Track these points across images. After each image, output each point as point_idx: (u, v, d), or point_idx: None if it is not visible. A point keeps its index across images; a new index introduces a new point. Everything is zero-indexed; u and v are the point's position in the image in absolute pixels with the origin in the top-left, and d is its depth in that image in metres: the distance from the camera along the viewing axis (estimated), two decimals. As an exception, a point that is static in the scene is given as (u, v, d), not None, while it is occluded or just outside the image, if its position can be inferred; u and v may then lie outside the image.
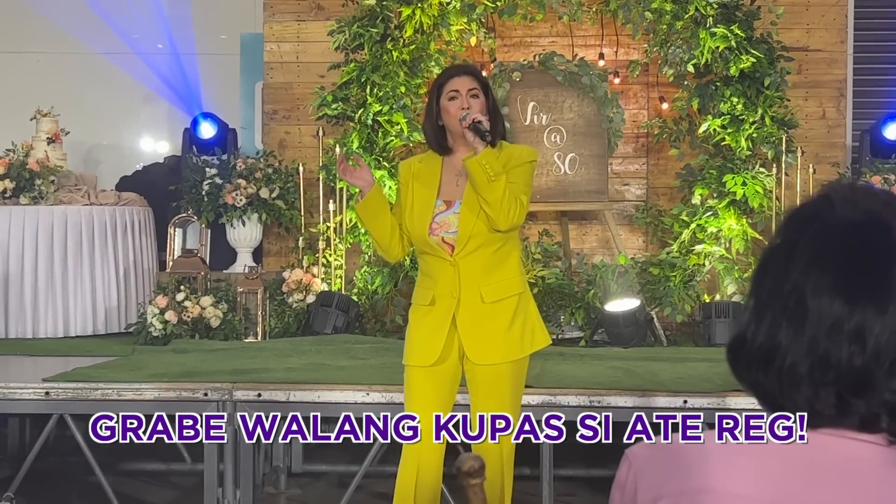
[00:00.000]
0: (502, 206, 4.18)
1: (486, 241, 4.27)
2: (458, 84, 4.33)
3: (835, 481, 1.50)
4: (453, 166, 4.39)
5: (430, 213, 4.34)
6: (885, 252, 1.51)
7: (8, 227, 7.96)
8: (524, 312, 4.38)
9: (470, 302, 4.28)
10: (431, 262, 4.37)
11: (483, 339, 4.29)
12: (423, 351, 4.32)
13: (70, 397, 6.11)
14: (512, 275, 4.40)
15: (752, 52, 7.99)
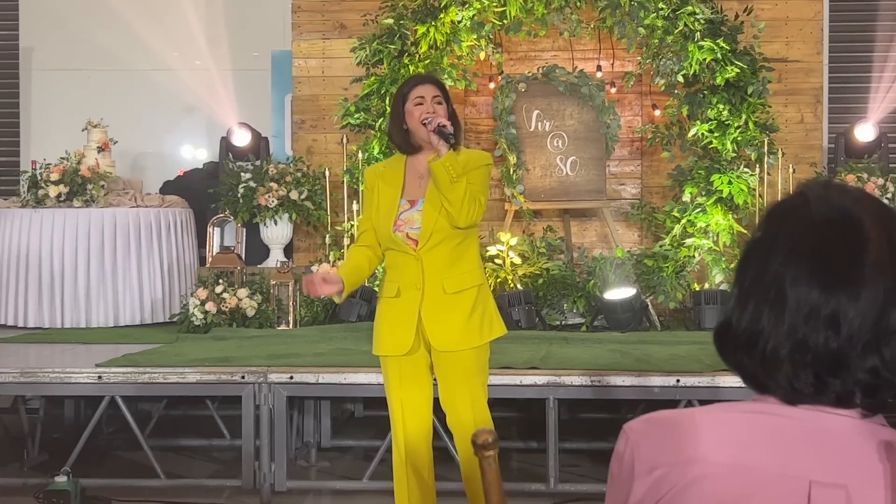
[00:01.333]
0: (463, 204, 4.18)
1: (447, 237, 4.27)
2: (424, 91, 4.32)
3: (813, 449, 1.50)
4: (415, 168, 4.38)
5: (394, 211, 4.33)
6: (856, 245, 1.51)
7: (63, 227, 7.99)
8: (483, 304, 4.38)
9: (433, 293, 4.28)
10: (396, 256, 4.36)
11: (446, 328, 4.29)
12: (393, 342, 4.33)
13: (120, 381, 6.13)
14: (472, 267, 4.40)
15: (737, 64, 7.98)
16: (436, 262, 4.28)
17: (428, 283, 4.28)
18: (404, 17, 8.22)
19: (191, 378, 6.10)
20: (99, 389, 6.15)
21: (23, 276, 8.03)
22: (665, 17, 8.05)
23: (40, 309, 8.01)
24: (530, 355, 6.28)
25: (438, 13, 8.17)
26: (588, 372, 5.95)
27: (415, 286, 4.29)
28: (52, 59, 10.16)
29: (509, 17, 8.19)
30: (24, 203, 8.16)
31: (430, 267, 4.28)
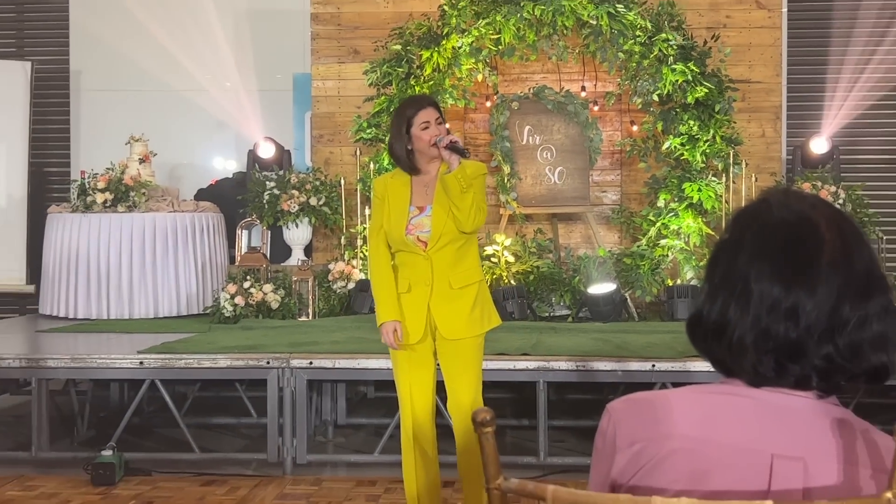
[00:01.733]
0: (471, 212, 4.19)
1: (453, 239, 4.27)
2: (427, 115, 4.28)
3: (775, 426, 1.50)
4: (421, 179, 4.37)
5: (405, 217, 4.32)
6: (813, 246, 1.52)
7: (108, 230, 8.00)
8: (483, 298, 4.39)
9: (441, 288, 4.29)
10: (407, 257, 4.35)
11: (452, 318, 4.29)
12: (406, 331, 4.32)
13: (159, 366, 6.13)
14: (473, 265, 4.40)
15: (705, 84, 7.98)
16: (443, 261, 4.28)
17: (436, 279, 4.28)
18: (411, 43, 8.23)
19: (222, 363, 6.11)
20: (140, 374, 6.16)
21: (73, 274, 8.04)
22: (642, 43, 8.05)
23: (88, 302, 8.02)
24: (522, 343, 6.28)
25: (441, 40, 8.19)
26: (573, 358, 5.95)
27: (424, 282, 4.29)
28: (98, 80, 10.16)
29: (504, 43, 8.19)
30: (74, 208, 8.17)
31: (438, 265, 4.28)
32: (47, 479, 5.95)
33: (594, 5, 8.06)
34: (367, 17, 8.83)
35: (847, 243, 1.53)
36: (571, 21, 8.13)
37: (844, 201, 7.85)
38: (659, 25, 8.10)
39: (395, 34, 8.31)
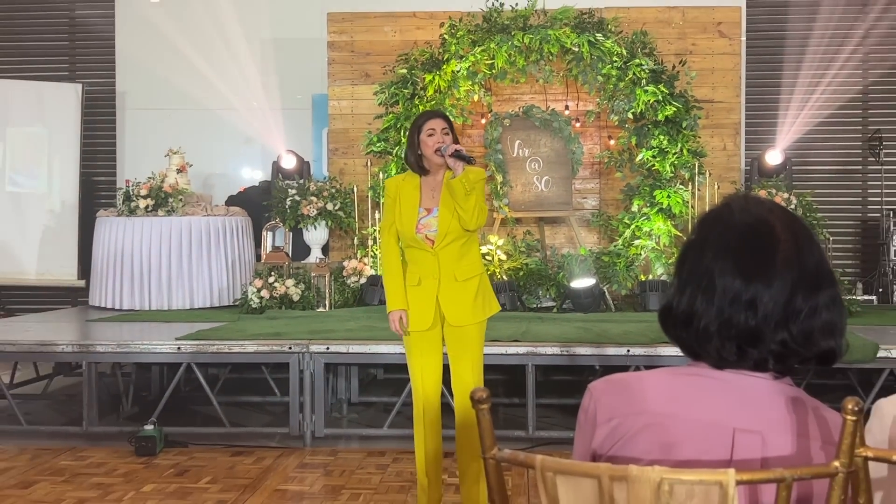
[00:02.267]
0: (474, 212, 4.18)
1: (457, 237, 4.26)
2: (434, 125, 4.28)
3: (736, 404, 1.51)
4: (428, 183, 4.35)
5: (415, 217, 4.31)
6: (769, 245, 1.52)
7: (150, 232, 8.00)
8: (484, 288, 4.37)
9: (447, 281, 4.27)
10: (417, 253, 4.34)
11: (458, 307, 4.28)
12: (417, 320, 4.31)
13: (194, 351, 6.13)
14: (475, 260, 4.38)
15: (674, 104, 7.98)
16: (448, 256, 4.28)
17: (443, 273, 4.27)
18: (415, 68, 8.25)
19: (249, 349, 6.10)
20: (178, 358, 6.16)
21: (119, 270, 8.04)
22: (618, 67, 8.06)
23: (132, 295, 8.02)
24: (513, 331, 6.28)
25: (442, 65, 8.20)
26: (558, 344, 5.95)
27: (433, 276, 4.28)
28: (141, 100, 10.17)
29: (497, 67, 8.20)
30: (119, 213, 8.17)
31: (444, 260, 4.27)
32: (96, 450, 5.96)
33: (576, 34, 8.08)
34: (377, 45, 8.84)
35: (799, 243, 1.53)
36: (556, 48, 8.14)
37: (796, 206, 7.85)
38: (633, 52, 8.12)
39: (402, 60, 8.32)
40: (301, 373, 6.02)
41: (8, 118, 9.63)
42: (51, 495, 5.00)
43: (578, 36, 8.09)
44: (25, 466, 5.59)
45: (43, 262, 9.58)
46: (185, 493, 5.03)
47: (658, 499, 1.30)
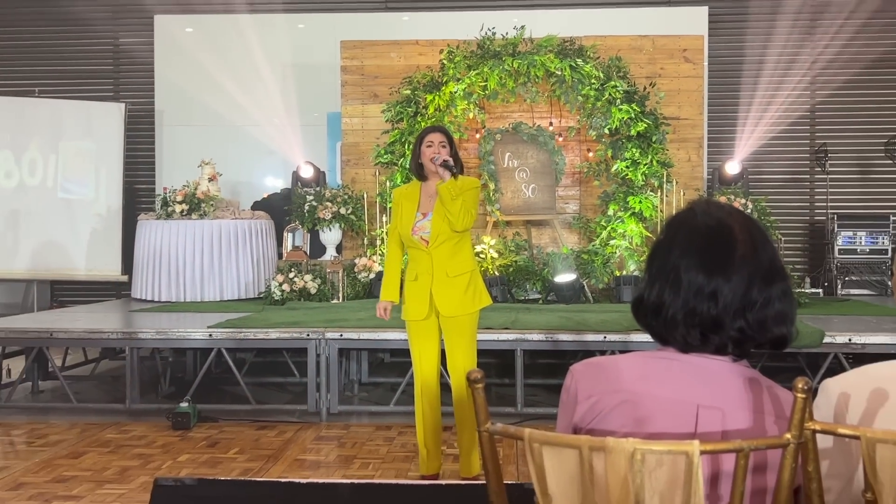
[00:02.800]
0: (459, 215, 4.17)
1: (448, 238, 4.25)
2: (433, 138, 4.30)
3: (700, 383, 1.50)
4: (426, 191, 4.36)
5: (412, 221, 4.31)
6: (728, 244, 1.52)
7: (185, 233, 8.01)
8: (474, 283, 4.34)
9: (440, 276, 4.26)
10: (414, 252, 4.35)
11: (450, 300, 4.27)
12: (415, 311, 4.31)
13: (224, 337, 6.13)
14: (466, 258, 4.35)
15: (644, 121, 7.99)
16: (441, 255, 4.27)
17: (436, 270, 4.27)
18: (418, 89, 8.25)
19: (272, 335, 6.11)
20: (209, 343, 6.16)
21: (157, 266, 8.04)
22: (596, 88, 8.07)
23: (169, 288, 8.02)
24: (504, 319, 6.28)
25: (441, 86, 8.21)
26: (544, 331, 5.95)
27: (427, 272, 4.28)
28: (176, 117, 10.16)
29: (489, 88, 8.21)
30: (158, 216, 8.17)
31: (437, 259, 4.27)
32: (137, 425, 5.96)
33: (559, 60, 8.09)
34: (384, 69, 8.83)
35: (755, 242, 1.53)
36: (542, 72, 8.14)
37: (752, 210, 7.85)
38: (609, 75, 8.12)
39: (406, 82, 8.33)
40: (318, 357, 6.02)
41: (60, 134, 9.63)
42: (98, 464, 5.01)
43: (561, 61, 8.09)
44: (75, 439, 5.59)
45: (91, 259, 9.57)
46: (216, 463, 5.03)
47: (632, 467, 1.30)
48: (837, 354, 5.76)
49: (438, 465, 4.46)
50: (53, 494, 4.46)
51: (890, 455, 1.26)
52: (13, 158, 9.60)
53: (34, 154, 9.63)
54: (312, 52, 9.87)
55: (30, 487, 4.58)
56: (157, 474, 4.76)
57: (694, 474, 1.29)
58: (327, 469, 4.92)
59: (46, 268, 9.56)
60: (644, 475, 1.30)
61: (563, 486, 1.35)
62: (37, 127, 9.60)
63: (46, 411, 6.36)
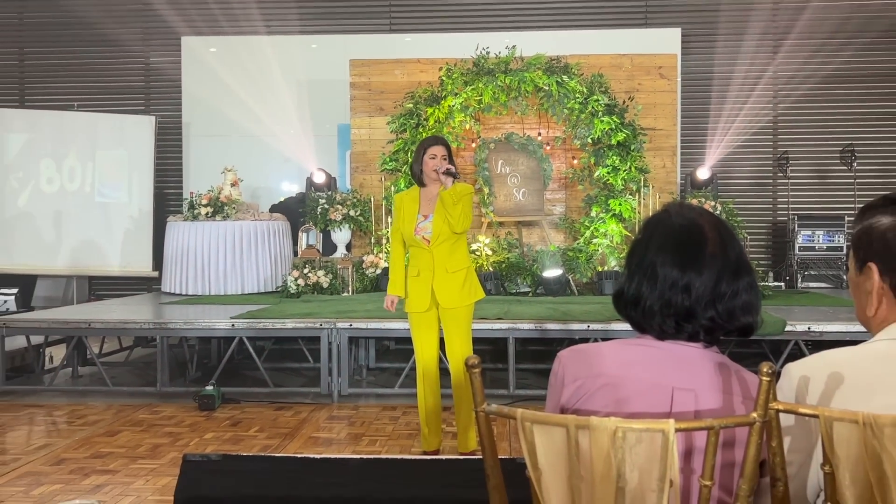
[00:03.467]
0: (460, 218, 4.17)
1: (447, 238, 4.25)
2: (436, 151, 4.30)
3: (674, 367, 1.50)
4: (426, 195, 4.35)
5: (414, 222, 4.32)
6: (700, 242, 1.52)
7: (209, 233, 8.01)
8: (470, 278, 4.34)
9: (440, 272, 4.26)
10: (416, 250, 4.34)
11: (448, 293, 4.27)
12: (417, 303, 4.32)
13: (245, 327, 6.13)
14: (463, 256, 4.34)
15: (624, 131, 7.98)
16: (441, 253, 4.27)
17: (436, 266, 4.27)
18: (419, 103, 8.24)
19: (289, 325, 6.11)
20: (232, 332, 6.17)
21: (184, 263, 8.05)
22: (580, 102, 8.07)
23: (195, 282, 8.02)
24: (498, 310, 6.29)
25: (440, 100, 8.20)
26: (533, 321, 5.96)
27: (428, 269, 4.29)
28: (201, 128, 10.15)
29: (484, 102, 8.20)
30: (185, 218, 8.16)
31: (437, 256, 4.27)
32: (167, 406, 5.96)
33: (546, 76, 8.08)
34: (389, 85, 8.82)
35: (724, 240, 1.53)
36: (531, 87, 8.14)
37: (721, 212, 7.85)
38: (591, 90, 8.12)
39: (409, 96, 8.32)
40: (329, 344, 6.03)
41: (97, 144, 9.62)
42: (131, 441, 5.01)
43: (548, 77, 8.09)
44: (111, 419, 5.59)
45: (125, 257, 9.57)
46: (238, 440, 5.03)
47: (614, 443, 1.30)
48: (798, 342, 5.77)
49: (438, 441, 4.46)
50: (92, 469, 4.46)
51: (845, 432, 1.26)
52: (55, 166, 9.60)
53: (73, 162, 9.62)
54: (324, 70, 9.86)
55: (70, 462, 4.58)
56: (186, 451, 4.77)
57: (670, 450, 1.29)
58: (339, 445, 4.92)
59: (85, 265, 9.56)
60: (625, 451, 1.30)
61: (551, 460, 1.35)
62: (76, 137, 9.59)
63: (85, 394, 6.37)
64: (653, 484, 1.30)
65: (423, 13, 10.13)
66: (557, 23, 9.83)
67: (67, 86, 10.41)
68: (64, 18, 10.30)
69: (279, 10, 10.12)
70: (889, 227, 1.43)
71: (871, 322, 1.46)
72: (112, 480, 4.23)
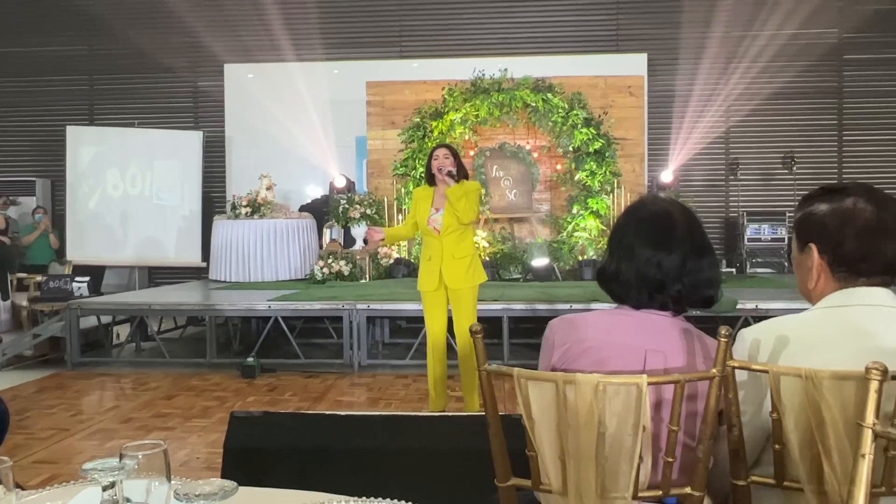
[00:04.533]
0: (465, 211, 4.16)
1: (455, 229, 4.23)
2: (439, 153, 4.29)
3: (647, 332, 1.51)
4: (438, 192, 4.32)
5: (427, 214, 4.29)
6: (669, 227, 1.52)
7: (249, 229, 8.00)
8: (474, 264, 4.31)
9: (448, 258, 4.24)
10: (428, 238, 4.32)
11: (455, 276, 4.24)
12: (428, 283, 4.29)
13: (280, 308, 6.15)
14: (468, 245, 4.31)
15: (599, 140, 7.99)
16: (449, 242, 4.26)
17: (445, 253, 4.26)
18: (425, 117, 8.25)
19: (316, 306, 6.12)
20: (269, 313, 6.18)
21: (228, 255, 8.04)
22: (562, 116, 8.07)
23: (238, 271, 8.02)
24: (494, 294, 6.29)
25: (443, 115, 8.20)
26: (524, 302, 5.98)
27: (438, 254, 4.27)
28: (242, 142, 10.13)
29: (480, 117, 8.20)
30: (228, 217, 8.16)
31: (446, 244, 4.25)
32: (215, 374, 5.98)
33: (534, 94, 8.09)
34: (399, 103, 8.80)
35: (690, 225, 1.53)
36: (521, 104, 8.14)
37: (681, 209, 7.83)
38: (572, 106, 8.12)
39: (416, 112, 8.32)
40: (350, 323, 6.04)
41: (154, 155, 9.64)
42: (186, 404, 5.03)
43: (535, 95, 8.08)
44: (168, 386, 5.61)
45: (178, 250, 9.59)
46: (275, 403, 5.05)
47: (595, 396, 1.31)
48: (747, 318, 5.76)
49: (444, 403, 4.47)
50: (153, 426, 4.48)
51: (790, 385, 1.27)
52: (119, 174, 9.62)
53: (134, 171, 9.63)
54: (345, 91, 9.82)
55: (136, 421, 4.60)
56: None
57: (643, 401, 1.30)
58: (359, 407, 4.94)
59: (145, 257, 9.58)
60: (605, 402, 1.31)
61: (543, 410, 1.36)
62: (136, 150, 9.60)
63: (146, 365, 6.39)
64: (629, 429, 1.31)
65: (429, 42, 10.11)
66: (543, 49, 9.80)
67: (129, 106, 10.40)
68: (126, 50, 10.29)
69: (307, 41, 10.10)
70: (826, 212, 1.44)
71: (812, 294, 1.47)
72: (170, 436, 4.25)
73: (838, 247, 1.40)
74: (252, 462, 2.30)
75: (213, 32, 10.11)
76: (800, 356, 1.33)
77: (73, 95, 10.56)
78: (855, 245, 1.38)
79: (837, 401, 1.21)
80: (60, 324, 6.30)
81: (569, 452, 1.33)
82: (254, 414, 2.45)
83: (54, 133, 10.17)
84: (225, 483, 1.05)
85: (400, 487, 1.52)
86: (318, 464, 2.28)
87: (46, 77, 10.52)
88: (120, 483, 1.07)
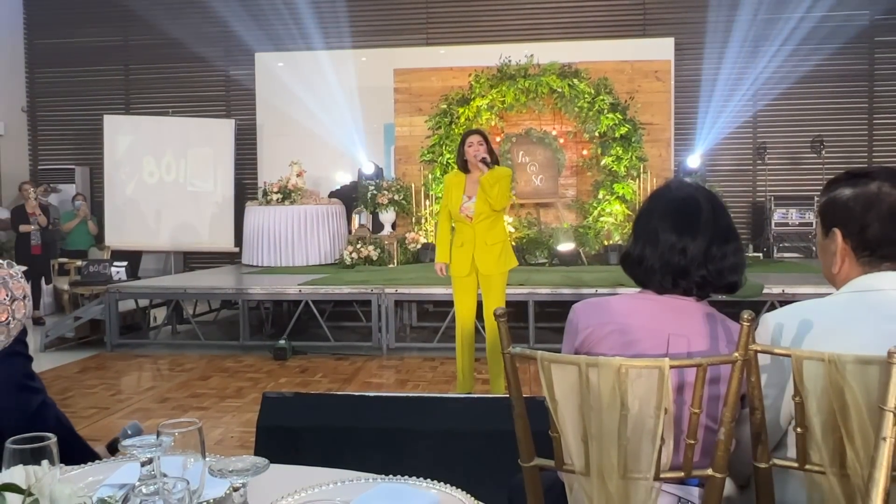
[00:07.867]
0: (498, 198, 4.15)
1: (487, 216, 4.22)
2: (473, 139, 4.27)
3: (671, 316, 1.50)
4: (471, 179, 4.31)
5: (460, 202, 4.29)
6: (695, 212, 1.51)
7: (280, 215, 8.05)
8: (506, 250, 4.31)
9: (480, 244, 4.24)
10: (461, 225, 4.32)
11: (486, 261, 4.25)
12: (460, 269, 4.30)
13: (310, 292, 6.21)
14: (500, 231, 4.31)
15: (626, 126, 7.90)
16: (482, 228, 4.26)
17: (477, 239, 4.26)
18: (452, 104, 8.22)
19: (346, 290, 6.17)
20: (300, 296, 6.25)
21: (260, 240, 8.13)
22: (588, 101, 7.98)
23: (269, 256, 8.10)
24: (520, 278, 6.28)
25: (470, 101, 8.16)
26: (550, 287, 5.96)
27: (471, 241, 4.27)
28: (272, 129, 10.19)
29: (507, 103, 8.14)
30: (260, 203, 8.23)
31: (478, 231, 4.26)
32: (248, 356, 6.07)
33: (560, 80, 8.01)
34: (426, 90, 8.78)
35: (715, 211, 1.52)
36: (547, 89, 8.06)
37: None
38: (598, 91, 8.02)
39: (443, 98, 8.29)
40: (379, 307, 6.08)
41: (188, 143, 9.75)
42: (220, 384, 5.12)
43: (561, 81, 8.00)
44: (203, 367, 5.71)
45: (212, 236, 9.71)
46: (306, 384, 5.12)
47: (618, 378, 1.31)
48: (773, 302, 5.69)
49: (471, 386, 4.49)
50: (189, 406, 4.57)
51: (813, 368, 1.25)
52: (154, 162, 9.75)
53: (169, 159, 9.76)
54: (372, 78, 9.83)
55: (172, 401, 4.70)
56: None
57: (665, 383, 1.29)
58: (388, 389, 4.98)
59: (180, 242, 9.72)
60: (627, 384, 1.31)
61: (566, 392, 1.37)
62: (171, 138, 9.72)
63: (182, 347, 6.51)
64: (651, 411, 1.31)
65: (455, 29, 10.05)
66: (569, 35, 9.69)
67: (164, 96, 10.53)
68: (160, 40, 10.40)
69: (335, 30, 10.10)
70: (850, 197, 1.41)
71: (836, 278, 1.45)
72: (206, 415, 4.33)
73: (862, 231, 1.38)
74: (283, 440, 2.34)
75: (244, 22, 10.16)
76: (823, 340, 1.32)
77: (110, 85, 10.72)
78: (879, 229, 1.36)
79: (860, 385, 1.20)
80: (100, 307, 6.44)
81: (591, 434, 1.34)
82: (285, 395, 2.49)
83: (92, 122, 10.35)
84: (257, 460, 1.07)
85: (426, 466, 1.54)
86: (347, 443, 2.32)
87: (84, 68, 10.69)
88: (157, 459, 1.10)
